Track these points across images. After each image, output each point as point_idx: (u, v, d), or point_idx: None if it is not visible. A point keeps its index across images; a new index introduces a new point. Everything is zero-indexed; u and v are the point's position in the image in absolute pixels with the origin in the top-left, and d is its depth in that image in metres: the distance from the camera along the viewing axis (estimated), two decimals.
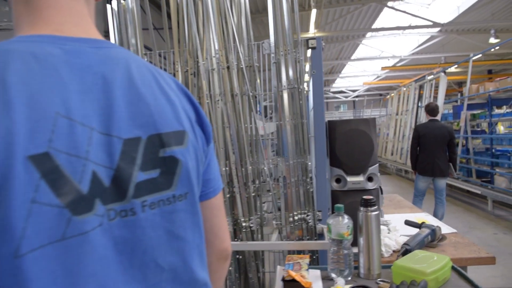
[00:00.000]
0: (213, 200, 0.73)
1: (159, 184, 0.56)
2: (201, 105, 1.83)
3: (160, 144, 0.57)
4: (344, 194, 1.82)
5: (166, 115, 0.59)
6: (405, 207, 2.90)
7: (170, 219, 0.57)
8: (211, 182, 0.72)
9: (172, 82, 0.67)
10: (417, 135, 5.11)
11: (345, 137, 1.81)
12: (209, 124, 0.71)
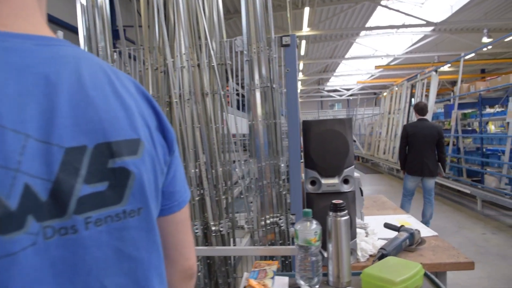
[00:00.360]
0: (178, 215, 0.67)
1: (107, 199, 0.51)
2: (170, 105, 1.75)
3: (109, 154, 0.51)
4: (319, 197, 1.75)
5: (118, 122, 0.53)
6: (388, 209, 2.84)
7: (119, 237, 0.52)
8: (176, 195, 0.66)
9: (131, 85, 0.60)
10: (406, 135, 5.06)
11: (319, 138, 1.74)
12: (172, 131, 0.64)
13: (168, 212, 0.64)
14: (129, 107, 0.56)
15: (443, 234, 5.06)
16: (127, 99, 0.56)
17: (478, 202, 6.23)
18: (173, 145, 0.64)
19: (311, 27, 13.04)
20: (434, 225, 5.46)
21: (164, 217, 0.63)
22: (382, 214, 2.67)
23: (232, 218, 1.77)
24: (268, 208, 1.72)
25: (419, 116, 5.09)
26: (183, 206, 0.67)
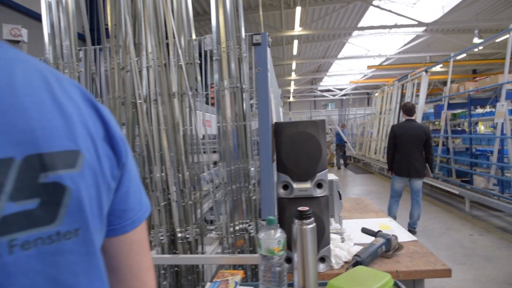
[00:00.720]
0: (132, 234, 0.60)
1: (38, 218, 0.44)
2: (135, 106, 1.67)
3: (40, 167, 0.45)
4: (291, 202, 1.68)
5: (53, 131, 0.47)
6: (370, 212, 2.78)
7: (53, 263, 0.45)
8: (129, 212, 0.59)
9: (76, 91, 0.54)
10: (393, 135, 5.01)
11: (291, 141, 1.67)
12: (122, 142, 0.57)
13: (121, 232, 0.58)
14: (68, 115, 0.50)
15: (431, 236, 5.03)
16: (67, 107, 0.50)
17: (466, 203, 6.20)
18: (124, 157, 0.57)
19: (303, 27, 12.98)
20: (421, 226, 5.43)
21: (116, 238, 0.58)
22: (364, 218, 2.61)
23: (201, 224, 1.70)
24: (237, 214, 1.64)
25: (407, 116, 5.04)
26: (138, 224, 0.60)
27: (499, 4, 12.73)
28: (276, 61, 17.55)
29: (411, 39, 16.40)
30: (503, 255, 4.25)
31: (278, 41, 15.39)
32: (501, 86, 5.68)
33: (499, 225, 5.46)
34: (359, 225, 2.42)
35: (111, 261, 0.58)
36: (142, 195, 0.63)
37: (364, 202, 3.10)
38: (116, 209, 0.57)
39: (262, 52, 1.68)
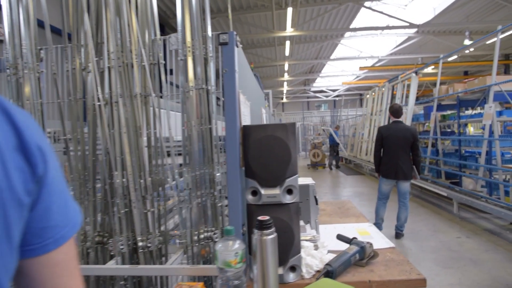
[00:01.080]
0: (55, 255, 0.53)
1: None
2: (93, 108, 1.58)
3: None
4: (259, 209, 1.60)
5: None
6: (351, 216, 2.71)
7: None
8: (51, 230, 0.52)
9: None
10: (380, 137, 4.96)
11: (259, 145, 1.59)
12: (39, 152, 0.50)
13: (41, 252, 0.52)
14: None
15: (418, 238, 4.97)
16: None
17: (454, 205, 6.16)
18: (41, 169, 0.50)
19: (295, 28, 12.94)
20: (409, 228, 5.38)
21: (36, 258, 0.52)
22: (344, 222, 2.54)
23: (165, 232, 1.61)
24: (202, 222, 1.56)
25: (394, 118, 4.99)
26: (62, 243, 0.54)
27: (490, 6, 12.77)
28: (269, 62, 17.51)
29: (402, 40, 16.42)
30: (489, 258, 4.21)
31: (271, 42, 15.33)
32: (489, 87, 5.65)
33: (486, 227, 5.42)
34: (338, 231, 2.34)
35: (32, 285, 0.52)
36: (70, 209, 0.56)
37: (346, 205, 3.03)
38: (35, 227, 0.51)
39: (229, 52, 1.60)
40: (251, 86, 2.78)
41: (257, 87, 3.29)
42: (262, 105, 3.66)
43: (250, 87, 2.69)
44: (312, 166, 13.77)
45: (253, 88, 2.94)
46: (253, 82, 2.93)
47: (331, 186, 10.06)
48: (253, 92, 2.92)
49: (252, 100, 2.98)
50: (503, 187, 5.39)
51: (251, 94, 2.82)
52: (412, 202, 7.28)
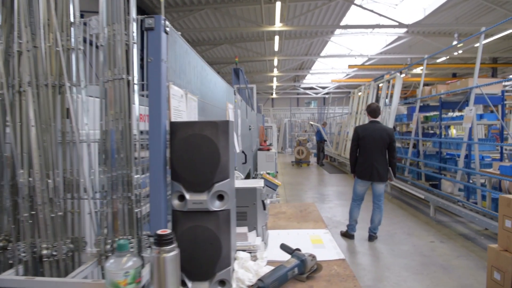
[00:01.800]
0: None
1: None
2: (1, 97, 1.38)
3: None
4: (185, 216, 1.42)
5: None
6: (311, 221, 2.54)
7: None
8: None
9: None
10: (357, 137, 4.81)
11: (185, 144, 1.41)
12: None
13: None
14: None
15: (391, 241, 4.85)
16: None
17: (431, 208, 6.06)
18: None
19: (284, 23, 12.71)
20: (384, 230, 5.26)
21: None
22: (300, 228, 2.38)
23: (79, 238, 1.42)
24: (117, 228, 1.38)
25: (371, 118, 4.84)
26: None
27: (479, 9, 12.70)
28: (258, 57, 17.27)
29: (392, 40, 16.32)
30: (461, 265, 4.09)
31: (260, 36, 15.09)
32: (471, 90, 5.53)
33: (461, 231, 5.32)
34: (291, 237, 2.18)
35: None
36: None
37: (309, 209, 2.87)
38: None
39: (156, 39, 1.41)
40: (207, 79, 2.59)
41: (219, 82, 3.10)
42: (229, 100, 3.48)
43: (204, 81, 2.50)
44: (296, 163, 13.62)
45: (210, 82, 2.75)
46: (210, 76, 2.74)
47: (312, 184, 9.93)
48: (209, 85, 2.74)
49: (210, 94, 2.80)
50: (480, 192, 5.29)
51: (207, 88, 2.63)
52: (391, 204, 7.18)
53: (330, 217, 6.15)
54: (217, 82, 3.03)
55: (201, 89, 2.43)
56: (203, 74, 2.43)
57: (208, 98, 2.82)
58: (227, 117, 3.25)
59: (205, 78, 2.53)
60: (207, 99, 2.60)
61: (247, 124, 5.89)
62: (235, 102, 3.82)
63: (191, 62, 2.05)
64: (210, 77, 2.74)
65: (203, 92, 2.49)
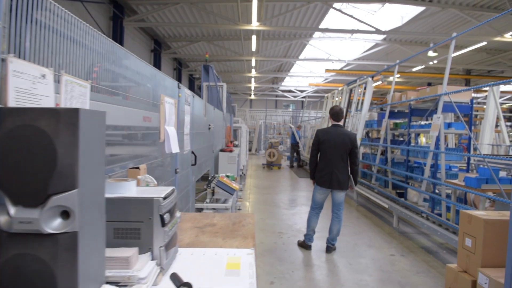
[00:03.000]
0: None
1: None
2: None
3: None
4: (11, 239, 1.00)
5: None
6: (239, 236, 2.15)
7: None
8: None
9: None
10: (317, 141, 4.46)
11: (10, 138, 0.99)
12: None
13: None
14: None
15: (349, 254, 4.51)
16: None
17: (394, 218, 5.78)
18: None
19: (261, 22, 12.36)
20: (344, 241, 4.93)
21: None
22: (224, 245, 1.97)
23: None
24: None
25: (334, 121, 4.50)
26: None
27: (455, 20, 12.73)
28: (236, 56, 16.87)
29: (370, 46, 16.25)
30: (419, 282, 3.79)
31: (238, 35, 14.70)
32: (439, 97, 5.27)
33: (424, 244, 5.05)
34: (204, 259, 1.77)
35: None
36: None
37: (244, 221, 2.47)
38: None
39: None
40: (122, 66, 2.16)
41: (148, 70, 2.65)
42: (170, 95, 3.05)
43: (118, 68, 2.07)
44: (267, 166, 13.27)
45: (129, 70, 2.32)
46: (131, 62, 2.31)
47: (279, 189, 9.58)
48: (128, 74, 2.31)
49: (133, 87, 2.37)
50: (444, 203, 5.02)
51: (122, 76, 2.20)
52: (356, 212, 6.90)
53: (291, 225, 5.79)
54: (146, 71, 2.60)
55: (111, 76, 2.00)
56: (111, 58, 1.99)
57: (132, 91, 2.40)
58: (161, 112, 2.82)
59: (117, 63, 2.10)
60: (123, 90, 2.17)
61: (206, 123, 5.47)
62: (179, 96, 3.39)
63: (73, 37, 1.61)
64: (129, 64, 2.30)
65: (115, 81, 2.06)
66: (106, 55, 1.90)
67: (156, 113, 2.78)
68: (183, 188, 3.97)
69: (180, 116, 3.58)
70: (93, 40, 1.76)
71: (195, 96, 4.32)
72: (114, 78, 2.06)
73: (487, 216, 2.80)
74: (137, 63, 2.41)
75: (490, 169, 4.24)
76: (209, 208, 4.89)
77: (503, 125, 9.66)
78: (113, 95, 2.08)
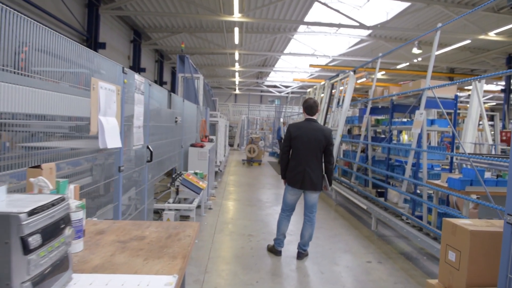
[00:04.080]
0: None
1: None
2: None
3: None
4: None
5: None
6: (165, 256, 1.66)
7: None
8: None
9: None
10: (289, 137, 3.99)
11: None
12: None
13: None
14: None
15: (322, 261, 4.07)
16: None
17: (372, 220, 5.37)
18: None
19: (243, 13, 11.82)
20: (318, 245, 4.50)
21: None
22: (141, 270, 1.48)
23: None
24: None
25: (307, 115, 4.04)
26: None
27: (439, 17, 12.42)
28: (219, 49, 16.30)
29: (355, 42, 15.89)
30: None
31: (221, 27, 14.11)
32: (422, 91, 4.87)
33: (403, 250, 4.65)
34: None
35: None
36: None
37: (183, 233, 1.98)
38: None
39: None
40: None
41: (65, 44, 2.13)
42: (101, 78, 2.53)
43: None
44: (247, 162, 12.78)
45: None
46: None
47: (257, 186, 9.11)
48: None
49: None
50: (426, 205, 4.63)
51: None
52: (334, 213, 6.48)
53: (263, 226, 5.33)
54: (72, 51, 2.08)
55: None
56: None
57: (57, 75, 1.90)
58: (93, 99, 2.31)
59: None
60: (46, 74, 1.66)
61: (172, 116, 4.95)
62: (124, 83, 2.87)
63: None
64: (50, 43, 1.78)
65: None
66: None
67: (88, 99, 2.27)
68: (132, 189, 3.46)
69: (129, 106, 3.07)
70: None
71: (153, 84, 3.80)
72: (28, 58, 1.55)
73: (474, 227, 2.37)
74: (61, 42, 1.91)
75: (476, 169, 3.85)
76: (171, 209, 4.39)
77: (486, 123, 9.40)
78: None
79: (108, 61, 2.64)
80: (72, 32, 10.19)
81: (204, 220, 5.45)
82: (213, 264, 3.82)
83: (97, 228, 2.03)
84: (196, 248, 4.27)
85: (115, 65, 2.75)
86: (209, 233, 4.85)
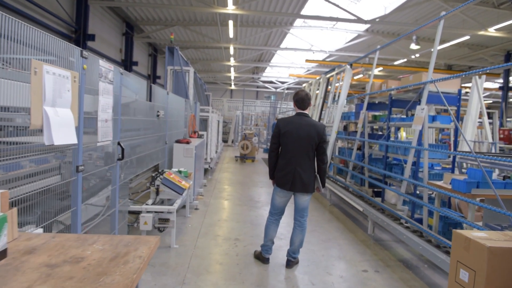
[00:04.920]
0: None
1: None
2: None
3: None
4: None
5: None
6: (106, 285, 1.25)
7: None
8: None
9: None
10: (277, 133, 3.57)
11: None
12: None
13: None
14: None
15: (313, 270, 3.65)
16: None
17: (369, 223, 4.98)
18: None
19: (237, 5, 11.34)
20: (309, 252, 4.09)
21: None
22: None
23: None
24: None
25: (299, 109, 3.62)
26: None
27: (438, 13, 11.97)
28: (214, 43, 15.82)
29: (352, 37, 15.47)
30: None
31: (215, 20, 13.62)
32: (424, 85, 4.46)
33: (402, 256, 4.26)
34: None
35: None
36: None
37: (134, 252, 1.56)
38: None
39: None
40: None
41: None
42: (47, 61, 2.11)
43: None
44: (241, 159, 12.35)
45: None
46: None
47: (249, 185, 8.69)
48: None
49: None
50: (426, 208, 4.23)
51: None
52: (329, 214, 6.08)
53: (251, 229, 4.92)
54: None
55: None
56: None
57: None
58: (33, 86, 1.88)
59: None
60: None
61: (153, 109, 4.52)
62: (83, 69, 2.44)
63: None
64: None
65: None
66: None
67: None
68: (101, 191, 3.03)
69: (90, 95, 2.64)
70: None
71: (126, 73, 3.36)
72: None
73: (491, 242, 1.97)
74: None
75: (483, 170, 3.45)
76: (149, 211, 3.97)
77: (486, 121, 9.01)
78: None
79: (60, 41, 2.21)
80: (60, 23, 9.70)
81: (188, 222, 5.03)
82: (193, 274, 3.40)
83: (29, 244, 1.61)
84: (175, 254, 3.85)
85: (70, 46, 2.31)
86: (192, 237, 4.44)
